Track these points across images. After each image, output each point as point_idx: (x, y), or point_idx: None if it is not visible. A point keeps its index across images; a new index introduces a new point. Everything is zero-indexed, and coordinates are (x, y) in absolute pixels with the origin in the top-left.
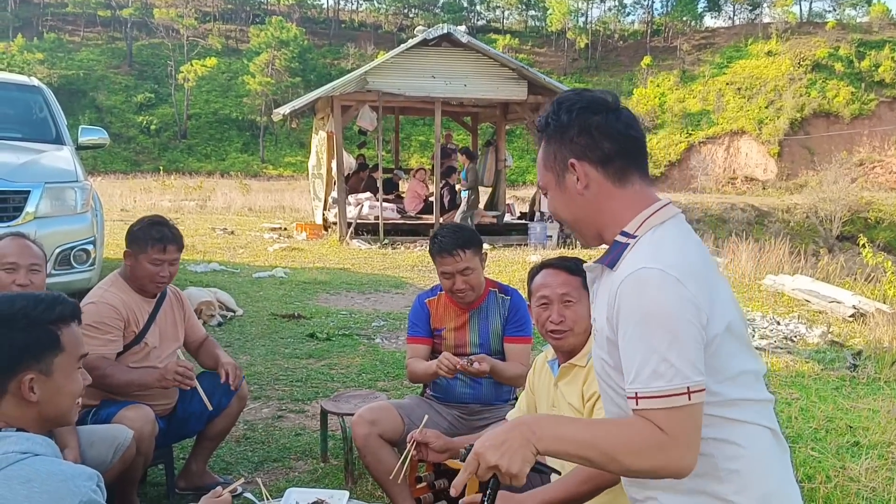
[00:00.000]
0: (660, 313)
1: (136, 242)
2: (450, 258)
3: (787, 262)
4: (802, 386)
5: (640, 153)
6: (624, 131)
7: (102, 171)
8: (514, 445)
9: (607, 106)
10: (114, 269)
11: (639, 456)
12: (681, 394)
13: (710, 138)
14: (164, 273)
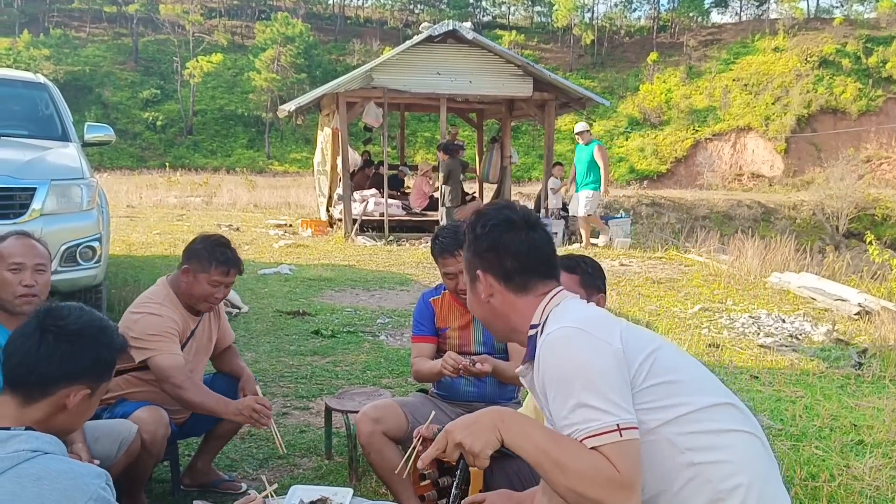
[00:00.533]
0: (572, 365)
1: (199, 261)
2: (451, 259)
3: (792, 260)
4: (807, 384)
5: (543, 264)
6: (526, 252)
7: (108, 167)
8: (480, 427)
9: (518, 226)
10: (120, 265)
11: (587, 482)
12: (611, 431)
13: (717, 135)
14: (220, 295)
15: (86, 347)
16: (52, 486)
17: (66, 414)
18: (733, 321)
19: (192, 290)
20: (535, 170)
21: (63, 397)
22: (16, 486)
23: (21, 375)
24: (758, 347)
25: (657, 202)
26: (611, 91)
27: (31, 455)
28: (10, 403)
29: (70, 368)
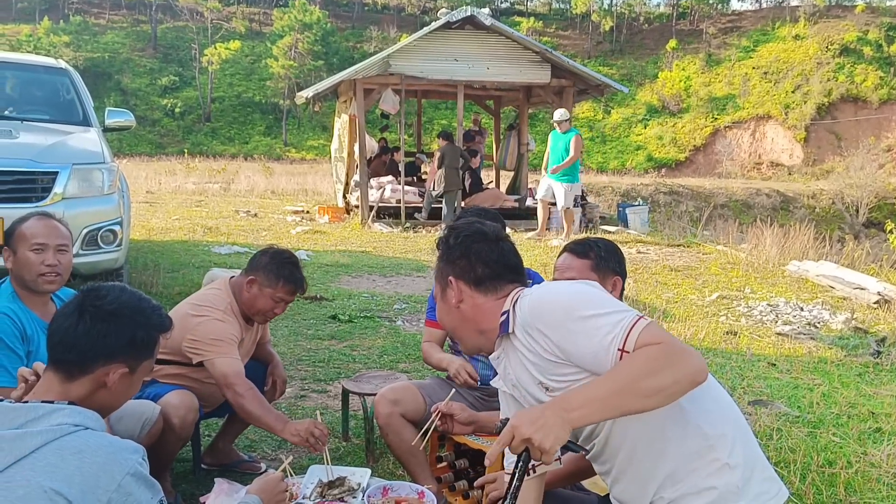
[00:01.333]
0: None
1: (267, 276)
2: None
3: (811, 248)
4: (825, 372)
5: (511, 271)
6: (496, 259)
7: (128, 153)
8: (549, 422)
9: (488, 237)
10: (140, 250)
11: (656, 374)
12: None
13: (736, 123)
14: (279, 311)
15: (121, 327)
16: (91, 459)
17: (106, 391)
18: (751, 309)
19: (254, 303)
20: None
21: (102, 375)
22: (57, 458)
23: (61, 353)
24: (775, 335)
25: (675, 190)
26: (629, 78)
27: (72, 429)
28: (53, 380)
29: (106, 347)
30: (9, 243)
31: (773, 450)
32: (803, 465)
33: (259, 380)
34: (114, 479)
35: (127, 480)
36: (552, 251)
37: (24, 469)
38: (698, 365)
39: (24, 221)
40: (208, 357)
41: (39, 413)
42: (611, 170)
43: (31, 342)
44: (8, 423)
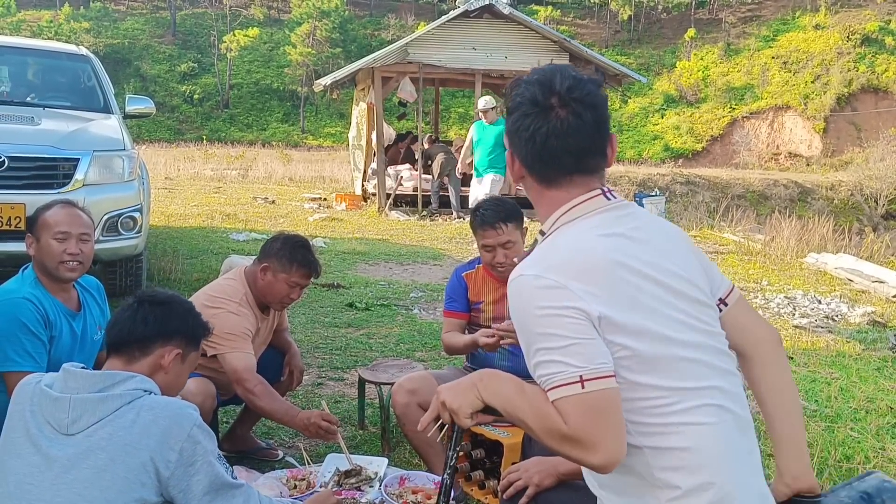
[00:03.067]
0: (530, 318)
1: (280, 261)
2: (492, 231)
3: (830, 241)
4: (843, 366)
5: (570, 154)
6: (544, 141)
7: (146, 139)
8: (462, 387)
9: (542, 106)
10: (159, 236)
11: (551, 440)
12: (572, 382)
13: (754, 113)
14: (295, 296)
15: (175, 311)
16: (163, 413)
17: (163, 374)
18: (769, 301)
19: (269, 290)
20: None
21: (159, 357)
22: (134, 414)
23: (122, 338)
24: (793, 328)
25: (692, 181)
26: (647, 68)
27: (143, 394)
28: (116, 364)
29: (163, 328)
30: (32, 230)
31: None
32: (821, 460)
33: (276, 369)
34: (183, 429)
35: (194, 431)
36: None
37: (107, 426)
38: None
39: (48, 209)
40: (221, 351)
41: (116, 380)
42: (627, 159)
43: (53, 327)
44: (89, 388)
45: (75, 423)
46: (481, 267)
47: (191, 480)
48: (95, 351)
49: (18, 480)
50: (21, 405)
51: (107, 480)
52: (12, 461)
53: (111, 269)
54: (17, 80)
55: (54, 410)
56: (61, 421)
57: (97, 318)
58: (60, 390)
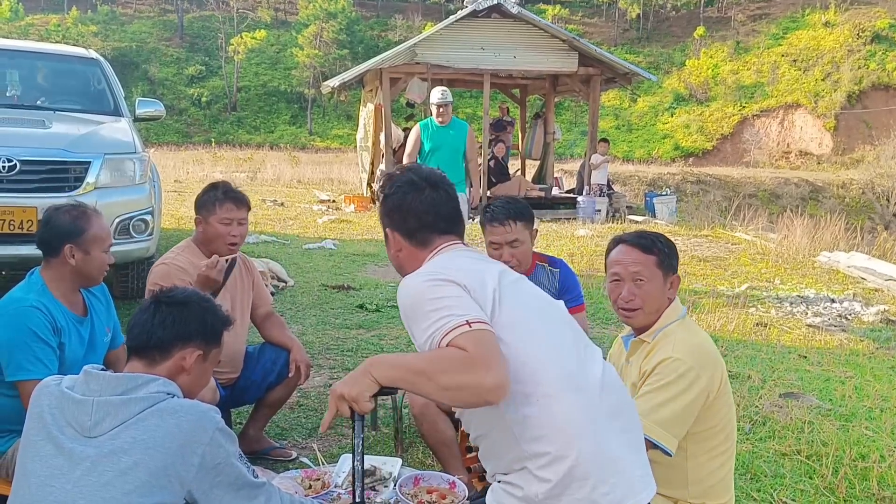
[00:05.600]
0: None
1: (205, 206)
2: (500, 228)
3: (842, 239)
4: (857, 364)
5: (442, 220)
6: (427, 209)
7: (155, 142)
8: (355, 376)
9: (420, 187)
10: (170, 238)
11: (448, 375)
12: (460, 325)
13: (764, 111)
14: (235, 232)
15: (193, 311)
16: (186, 416)
17: (185, 375)
18: (781, 300)
19: (208, 236)
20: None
21: (180, 359)
22: (157, 419)
23: (142, 341)
24: (806, 327)
25: (702, 179)
26: (656, 66)
27: (166, 397)
28: (138, 366)
29: (181, 330)
30: (78, 242)
31: (805, 443)
32: (835, 459)
33: (283, 366)
34: (206, 433)
35: (217, 434)
36: (578, 241)
37: (129, 429)
38: (488, 383)
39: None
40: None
41: (138, 382)
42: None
43: (62, 333)
44: (112, 390)
45: (98, 426)
46: None
47: (213, 483)
48: (104, 353)
49: (40, 482)
50: (40, 408)
51: (129, 483)
52: (33, 464)
53: (123, 272)
54: (27, 83)
55: (77, 413)
56: (84, 423)
57: (104, 321)
58: (82, 392)
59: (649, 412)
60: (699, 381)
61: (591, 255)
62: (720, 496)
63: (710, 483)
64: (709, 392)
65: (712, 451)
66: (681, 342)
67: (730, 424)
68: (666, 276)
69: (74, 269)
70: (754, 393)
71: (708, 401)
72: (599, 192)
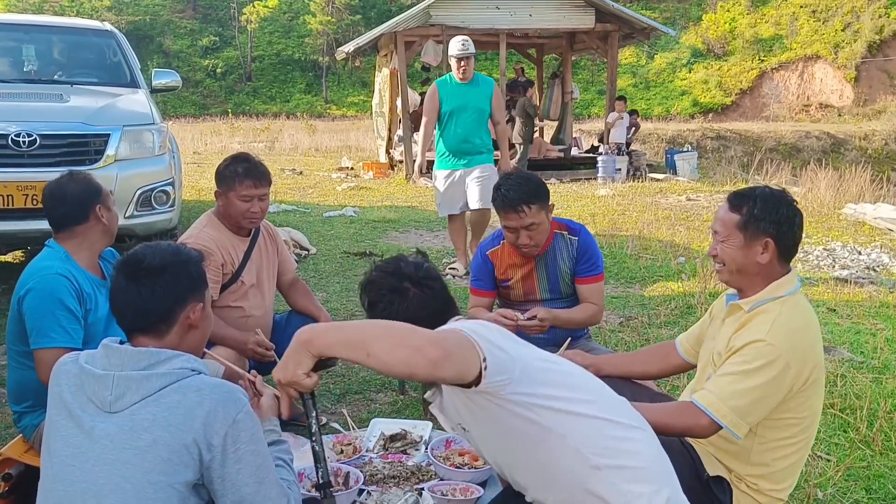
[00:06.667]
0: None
1: (224, 181)
2: (514, 214)
3: (867, 191)
4: (887, 316)
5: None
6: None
7: (172, 115)
8: (288, 357)
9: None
10: (192, 210)
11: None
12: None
13: (783, 64)
14: (255, 209)
15: (177, 270)
16: (210, 395)
17: (195, 331)
18: (807, 254)
19: (228, 212)
20: (595, 105)
21: (185, 319)
22: (180, 395)
23: (143, 321)
24: (834, 280)
25: (722, 135)
26: (672, 22)
27: (190, 373)
28: (145, 341)
29: (175, 294)
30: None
31: (839, 396)
32: (870, 412)
33: None
34: (230, 414)
35: (241, 416)
36: (599, 201)
37: (150, 406)
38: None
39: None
40: None
41: (162, 357)
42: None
43: (89, 300)
44: (134, 365)
45: (119, 401)
46: (506, 242)
47: (232, 469)
48: None
49: (62, 462)
50: (59, 387)
51: (149, 462)
52: (55, 443)
53: None
54: (43, 58)
55: (98, 388)
56: (104, 398)
57: None
58: (103, 367)
59: (727, 396)
60: (788, 373)
61: (613, 215)
62: (780, 482)
63: (774, 469)
64: (794, 384)
65: (785, 441)
66: (778, 325)
67: (812, 417)
68: (751, 239)
69: (105, 229)
70: None
71: (791, 392)
72: (618, 151)
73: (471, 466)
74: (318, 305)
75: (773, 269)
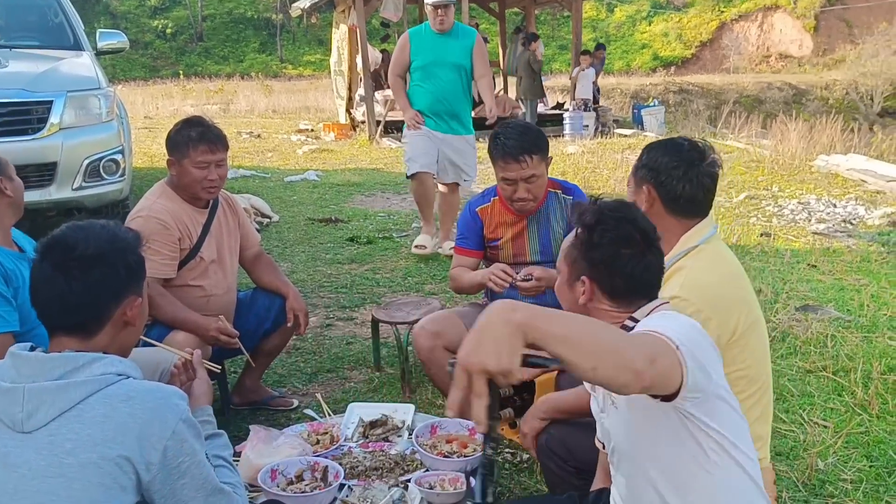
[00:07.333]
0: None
1: (177, 147)
2: (514, 164)
3: (839, 141)
4: (870, 271)
5: (649, 286)
6: (639, 275)
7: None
8: (495, 338)
9: (635, 244)
10: (143, 178)
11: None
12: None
13: (743, 15)
14: (213, 176)
15: (115, 260)
16: (143, 405)
17: (131, 329)
18: (782, 208)
19: (184, 181)
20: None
21: (122, 316)
22: (106, 408)
23: (71, 319)
24: (811, 234)
25: (685, 89)
26: None
27: (116, 378)
28: (69, 343)
29: (113, 288)
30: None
31: (830, 357)
32: (864, 374)
33: (276, 313)
34: (168, 425)
35: (180, 427)
36: (569, 158)
37: (71, 422)
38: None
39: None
40: None
41: (79, 363)
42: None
43: (15, 278)
44: (46, 375)
45: (32, 418)
46: (497, 199)
47: (175, 484)
48: None
49: None
50: None
51: (78, 490)
52: None
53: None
54: None
55: (6, 404)
56: (15, 416)
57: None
58: (11, 380)
59: None
60: (709, 325)
61: (584, 173)
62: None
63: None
64: (720, 335)
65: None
66: (690, 279)
67: (758, 366)
68: (636, 186)
69: (11, 201)
70: (769, 307)
71: (722, 343)
72: (585, 107)
73: (459, 454)
74: (286, 280)
75: (671, 223)
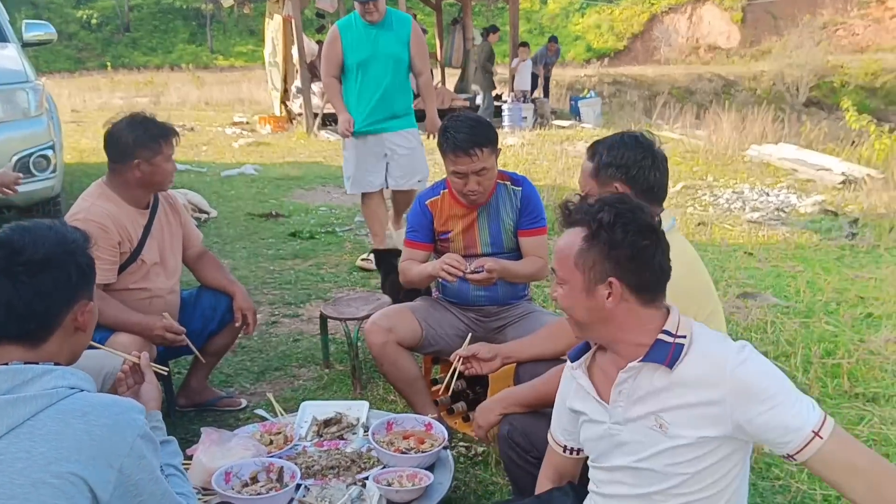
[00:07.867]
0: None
1: (147, 146)
2: (465, 157)
3: (770, 131)
4: (804, 258)
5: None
6: (664, 265)
7: (45, 70)
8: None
9: (657, 236)
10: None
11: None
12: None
13: (673, 7)
14: (172, 168)
15: (65, 263)
16: (98, 420)
17: (81, 334)
18: (717, 197)
19: (153, 177)
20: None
21: (72, 321)
22: (59, 424)
23: (18, 327)
24: (747, 223)
25: (618, 80)
26: None
27: (69, 392)
28: (15, 352)
29: (63, 293)
30: None
31: (771, 343)
32: (804, 358)
33: (223, 312)
34: (125, 441)
35: (138, 443)
36: (509, 150)
37: (22, 439)
38: None
39: None
40: None
41: (28, 376)
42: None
43: None
44: None
45: None
46: (447, 192)
47: (132, 502)
48: None
49: None
50: None
51: None
52: None
53: (28, 216)
54: None
55: None
56: None
57: None
58: None
59: None
60: None
61: (525, 164)
62: None
63: None
64: None
65: None
66: None
67: None
68: (603, 185)
69: None
70: None
71: None
72: (523, 99)
73: (417, 450)
74: (231, 279)
75: None
